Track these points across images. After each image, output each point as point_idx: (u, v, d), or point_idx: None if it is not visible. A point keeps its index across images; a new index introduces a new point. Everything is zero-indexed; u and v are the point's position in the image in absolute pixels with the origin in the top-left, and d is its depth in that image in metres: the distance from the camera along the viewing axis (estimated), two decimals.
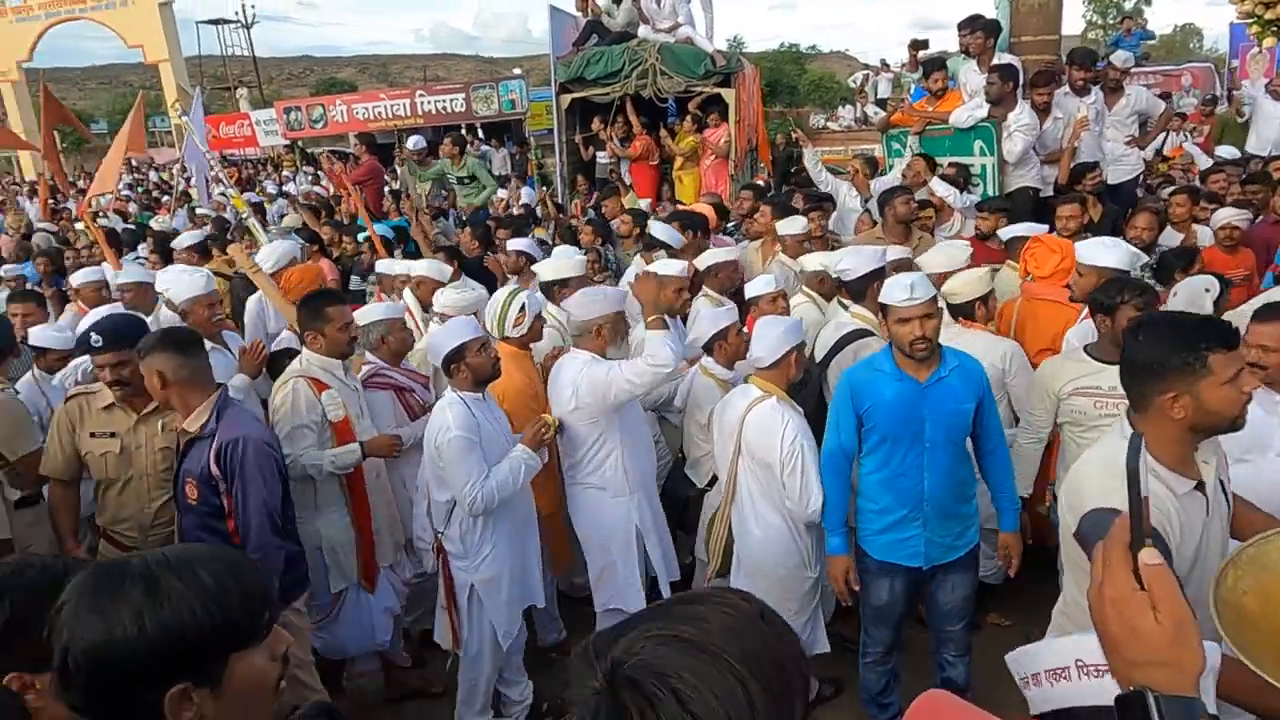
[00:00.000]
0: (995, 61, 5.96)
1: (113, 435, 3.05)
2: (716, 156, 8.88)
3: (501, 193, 9.84)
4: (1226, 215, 4.98)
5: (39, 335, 4.09)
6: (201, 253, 6.23)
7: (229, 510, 2.75)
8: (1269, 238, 5.16)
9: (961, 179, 5.75)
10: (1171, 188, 6.24)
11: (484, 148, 14.75)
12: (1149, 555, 0.91)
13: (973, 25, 6.12)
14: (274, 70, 57.16)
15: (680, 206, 7.31)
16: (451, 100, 16.22)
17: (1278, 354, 2.55)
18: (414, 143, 9.95)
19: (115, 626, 1.07)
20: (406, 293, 4.68)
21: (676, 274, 4.07)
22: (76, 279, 5.23)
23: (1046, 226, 4.71)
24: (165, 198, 13.93)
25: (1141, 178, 6.75)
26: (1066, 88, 5.98)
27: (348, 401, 3.28)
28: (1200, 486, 1.95)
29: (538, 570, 3.36)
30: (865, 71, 17.76)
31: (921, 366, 2.73)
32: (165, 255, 6.68)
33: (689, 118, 8.94)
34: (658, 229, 4.89)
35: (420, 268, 4.73)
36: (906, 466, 2.78)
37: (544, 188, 10.96)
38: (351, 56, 78.02)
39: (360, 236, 6.69)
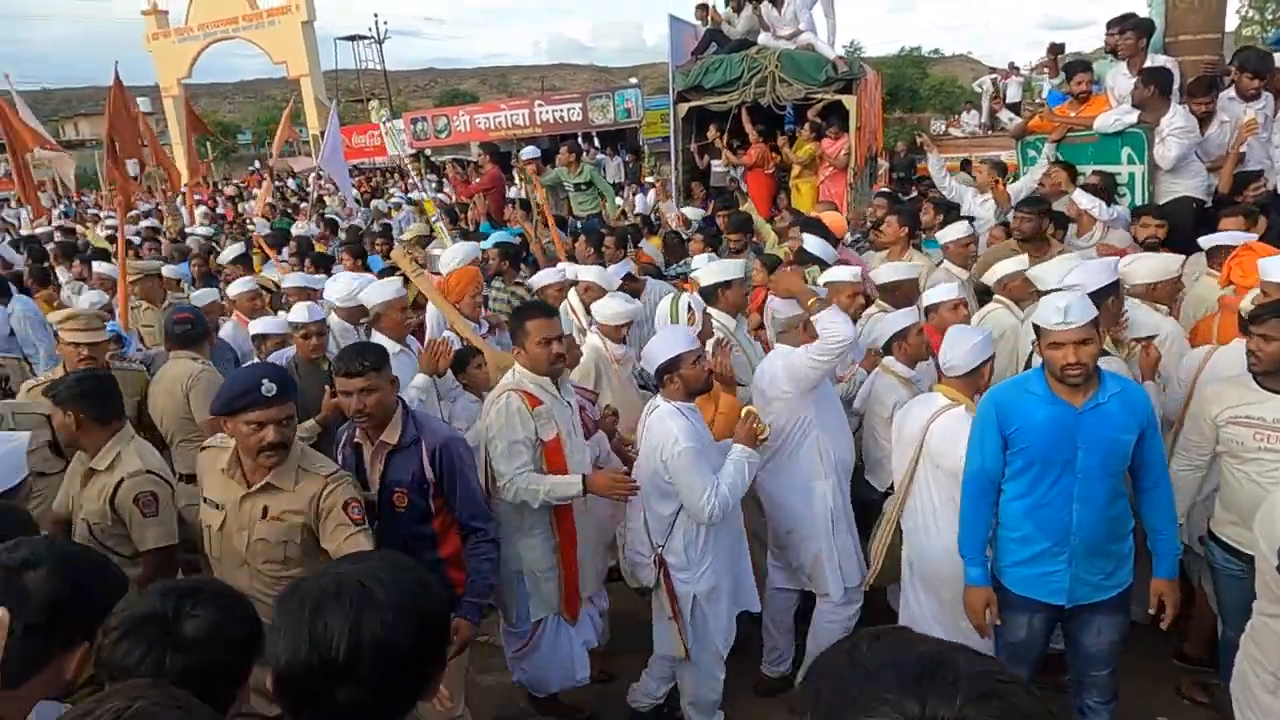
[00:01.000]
0: (1149, 64, 5.56)
1: (219, 507, 2.60)
2: (835, 168, 8.69)
3: (618, 200, 9.96)
4: None
5: (261, 324, 4.51)
6: (246, 265, 6.53)
7: (435, 511, 2.79)
8: None
9: (1106, 189, 5.38)
10: None
11: (599, 156, 15.00)
12: None
13: (1123, 24, 5.74)
14: (401, 83, 60.17)
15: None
16: (569, 109, 16.61)
17: None
18: (528, 152, 10.18)
19: (421, 620, 1.21)
20: (572, 295, 4.76)
21: (850, 280, 4.09)
22: (233, 290, 5.39)
23: (1255, 235, 4.25)
24: (303, 204, 14.83)
25: None
26: (1232, 91, 5.50)
27: (560, 420, 3.11)
28: None
29: (750, 574, 3.36)
30: (993, 75, 16.99)
31: (1077, 391, 2.56)
32: (304, 260, 7.11)
33: (807, 125, 8.78)
34: (811, 243, 4.85)
35: (589, 274, 4.79)
36: (1053, 496, 2.60)
37: (656, 179, 11.00)
38: (473, 68, 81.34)
39: (488, 242, 6.91)
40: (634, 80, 23.64)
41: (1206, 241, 4.29)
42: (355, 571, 1.23)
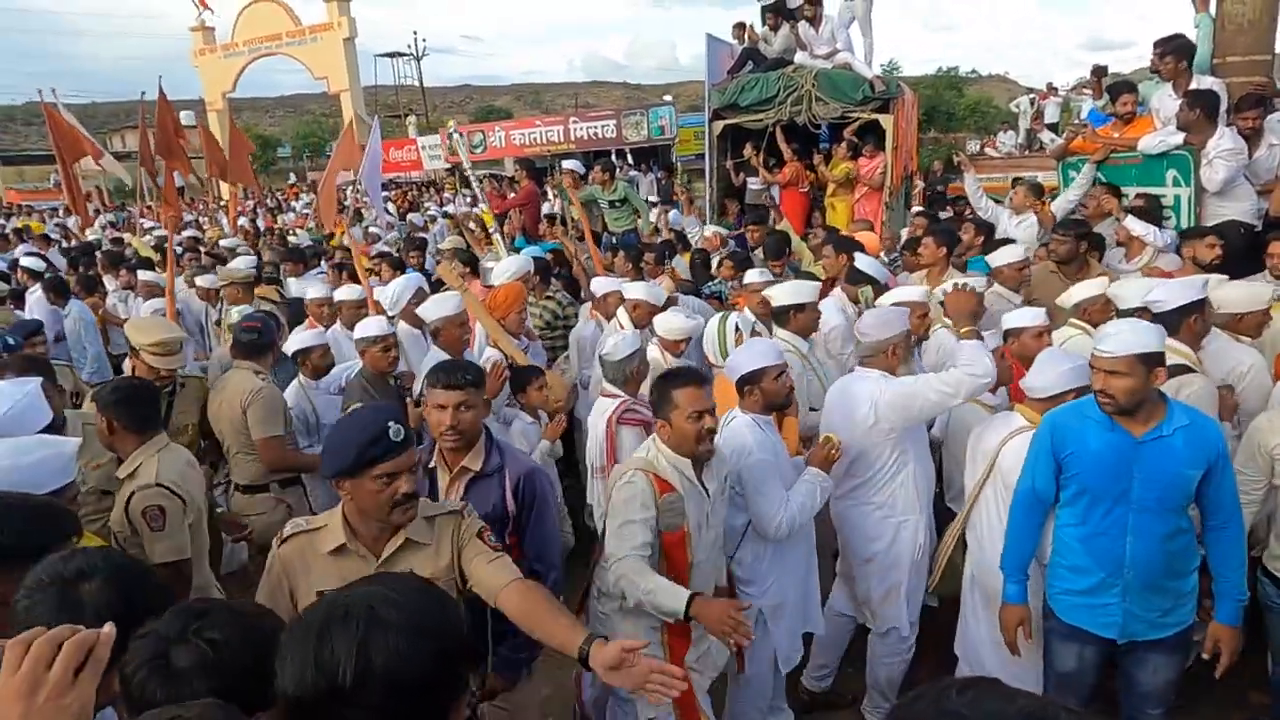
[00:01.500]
0: (1195, 85, 5.47)
1: None
2: (870, 187, 8.66)
3: (652, 216, 9.98)
4: None
5: (297, 339, 4.23)
6: (255, 279, 6.60)
7: (509, 546, 2.58)
8: None
9: (1152, 211, 5.30)
10: None
11: (632, 173, 15.08)
12: None
13: (1164, 47, 5.66)
14: (438, 99, 61.10)
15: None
16: (603, 126, 16.71)
17: None
18: (571, 164, 10.23)
19: (436, 643, 1.15)
20: (620, 312, 4.77)
21: (917, 299, 4.02)
22: (310, 294, 5.45)
23: None
24: (340, 215, 15.05)
25: None
26: None
27: (692, 511, 2.69)
28: None
29: (817, 596, 3.30)
30: (1030, 95, 16.87)
31: (1136, 420, 2.48)
32: (343, 271, 7.21)
33: (844, 144, 8.78)
34: (863, 262, 4.81)
35: (637, 291, 4.77)
36: (1107, 526, 2.53)
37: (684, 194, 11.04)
38: (508, 85, 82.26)
39: (527, 252, 6.96)
40: (668, 98, 23.77)
41: None
42: (366, 593, 1.18)
